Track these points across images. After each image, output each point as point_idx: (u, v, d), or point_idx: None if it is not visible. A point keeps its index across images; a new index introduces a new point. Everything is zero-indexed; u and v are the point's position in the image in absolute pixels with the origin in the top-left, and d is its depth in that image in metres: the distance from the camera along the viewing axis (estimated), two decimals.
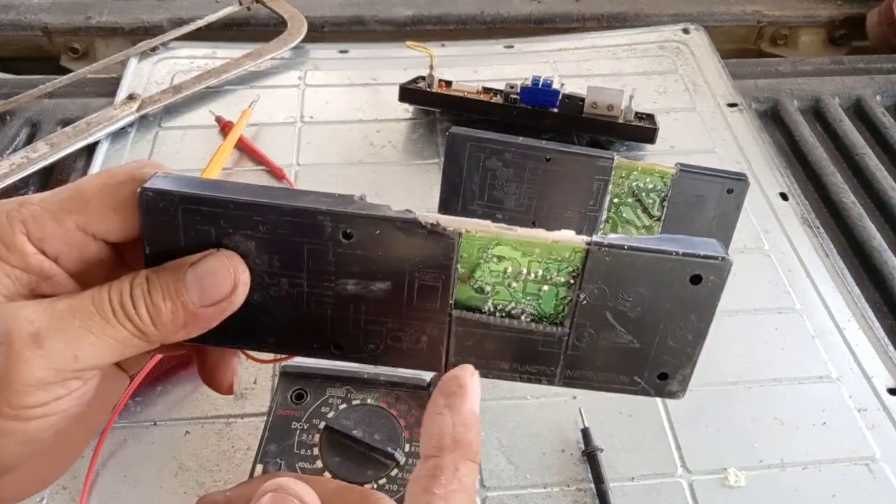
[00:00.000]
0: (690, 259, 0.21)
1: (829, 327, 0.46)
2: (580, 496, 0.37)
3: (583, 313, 0.22)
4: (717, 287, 0.21)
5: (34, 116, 0.60)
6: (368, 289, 0.22)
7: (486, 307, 0.22)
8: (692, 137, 0.60)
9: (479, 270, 0.22)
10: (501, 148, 0.48)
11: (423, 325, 0.23)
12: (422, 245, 0.21)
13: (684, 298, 0.21)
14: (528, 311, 0.22)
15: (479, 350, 0.23)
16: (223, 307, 0.22)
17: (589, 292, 0.22)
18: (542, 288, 0.22)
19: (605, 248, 0.21)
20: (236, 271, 0.22)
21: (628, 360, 0.23)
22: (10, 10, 0.72)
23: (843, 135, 0.62)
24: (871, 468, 0.39)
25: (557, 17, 0.75)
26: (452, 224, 0.21)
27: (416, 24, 0.73)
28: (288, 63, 0.67)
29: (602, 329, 0.22)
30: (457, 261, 0.22)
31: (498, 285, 0.22)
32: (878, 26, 0.74)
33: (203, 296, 0.21)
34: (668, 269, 0.21)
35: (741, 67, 0.69)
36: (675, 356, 0.22)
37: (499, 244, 0.22)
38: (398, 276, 0.22)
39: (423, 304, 0.22)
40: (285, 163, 0.56)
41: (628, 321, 0.22)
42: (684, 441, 0.40)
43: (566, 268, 0.22)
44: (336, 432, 0.36)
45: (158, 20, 0.71)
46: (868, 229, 0.53)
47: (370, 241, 0.21)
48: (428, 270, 0.22)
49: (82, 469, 0.37)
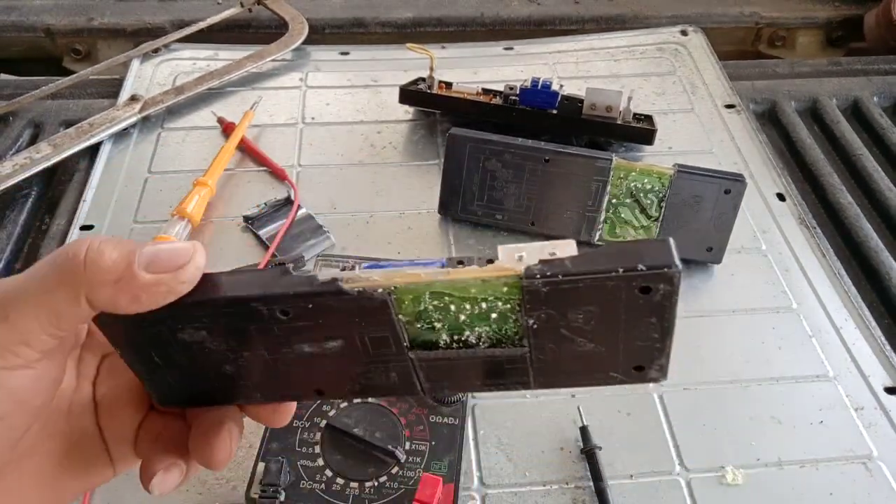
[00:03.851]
0: (633, 274, 0.20)
1: (826, 327, 0.46)
2: (579, 494, 0.38)
3: (537, 334, 0.22)
4: (669, 293, 0.20)
5: (37, 117, 0.61)
6: (324, 348, 0.23)
7: (441, 341, 0.22)
8: (690, 138, 0.60)
9: (424, 315, 0.22)
10: (501, 149, 0.49)
11: (388, 366, 0.23)
12: (357, 308, 0.21)
13: (639, 307, 0.21)
14: (484, 337, 0.22)
15: (449, 376, 0.23)
16: (167, 280, 0.21)
17: (536, 318, 0.21)
18: (490, 316, 0.22)
19: (539, 279, 0.20)
20: (195, 251, 0.22)
21: (597, 361, 0.22)
22: (13, 11, 0.72)
23: (841, 136, 0.62)
24: (869, 466, 0.39)
25: (556, 19, 0.75)
26: (380, 283, 0.21)
27: (416, 26, 0.74)
28: (289, 65, 0.67)
29: (561, 342, 0.22)
30: (396, 314, 0.22)
31: (447, 321, 0.22)
32: (875, 28, 0.74)
33: (152, 262, 0.21)
34: (611, 288, 0.20)
35: (739, 69, 0.69)
36: (644, 352, 0.22)
37: (433, 292, 0.21)
38: (347, 335, 0.22)
39: (379, 351, 0.23)
40: (287, 164, 0.56)
41: (585, 333, 0.22)
42: (682, 439, 0.40)
43: (509, 297, 0.21)
44: (337, 430, 0.36)
45: (160, 22, 0.71)
46: (865, 229, 0.53)
47: (307, 313, 0.22)
48: (372, 326, 0.22)
49: None
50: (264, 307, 0.22)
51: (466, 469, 0.38)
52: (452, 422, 0.37)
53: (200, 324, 0.22)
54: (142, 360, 0.24)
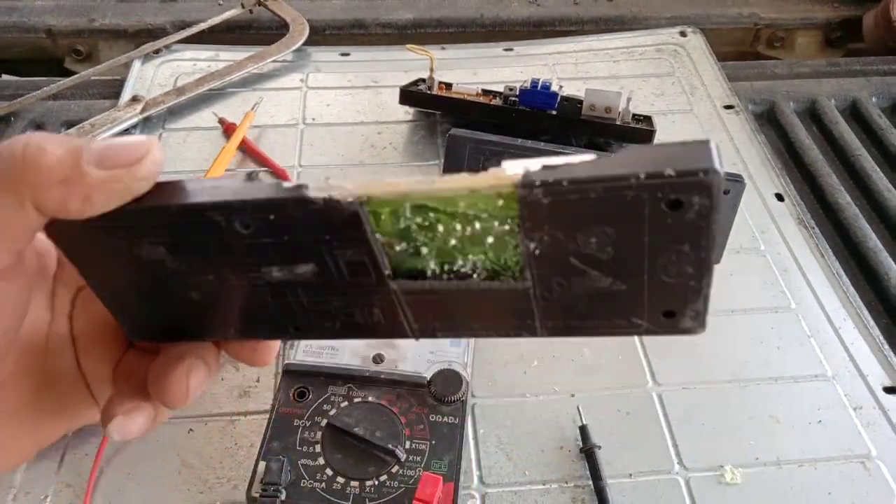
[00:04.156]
0: (659, 181, 0.15)
1: (824, 326, 0.47)
2: (578, 493, 0.38)
3: (542, 263, 0.17)
4: (707, 210, 0.15)
5: (38, 118, 0.61)
6: (294, 273, 0.19)
7: (428, 270, 0.19)
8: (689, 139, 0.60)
9: (405, 234, 0.18)
10: (501, 150, 0.49)
11: (369, 300, 0.20)
12: (325, 221, 0.18)
13: (666, 228, 0.16)
14: (479, 268, 0.18)
15: (441, 314, 0.20)
16: (121, 176, 0.18)
17: (539, 240, 0.17)
18: (485, 240, 0.17)
19: (539, 187, 0.16)
20: (151, 145, 0.19)
21: (617, 302, 0.18)
22: (14, 12, 0.72)
23: (839, 136, 0.62)
24: (867, 466, 0.39)
25: (556, 21, 0.75)
26: (351, 192, 0.17)
27: (416, 27, 0.74)
28: (290, 66, 0.67)
29: (572, 276, 0.17)
30: (372, 231, 0.18)
31: (433, 245, 0.18)
32: (874, 28, 0.74)
33: (103, 157, 0.18)
34: (630, 201, 0.16)
35: (738, 70, 0.69)
36: (676, 292, 0.17)
37: (414, 205, 0.17)
38: (318, 256, 0.19)
39: (357, 280, 0.19)
40: (287, 164, 0.57)
41: (600, 263, 0.17)
42: (681, 438, 0.40)
43: (506, 214, 0.17)
44: (338, 430, 0.36)
45: (162, 23, 0.71)
46: (863, 230, 0.54)
47: (269, 227, 0.18)
48: (345, 246, 0.18)
49: (86, 466, 0.37)
50: (221, 217, 0.18)
51: (466, 468, 0.38)
52: (452, 421, 0.37)
53: (156, 237, 0.19)
54: (103, 278, 0.21)
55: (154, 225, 0.19)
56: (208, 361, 0.23)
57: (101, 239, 0.20)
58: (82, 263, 0.21)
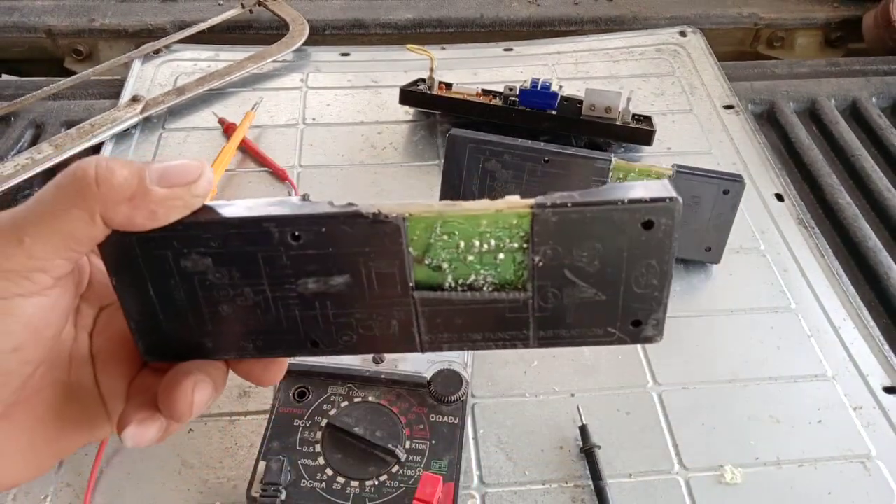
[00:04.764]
0: (638, 206, 0.21)
1: (824, 326, 0.47)
2: (578, 492, 0.38)
3: (542, 275, 0.22)
4: (670, 229, 0.21)
5: (38, 118, 0.61)
6: (329, 284, 0.22)
7: (446, 284, 0.22)
8: (689, 139, 0.60)
9: (432, 250, 0.22)
10: (500, 149, 0.49)
11: (390, 311, 0.23)
12: (369, 235, 0.21)
13: (640, 245, 0.21)
14: (489, 281, 0.22)
15: (450, 325, 0.23)
16: (181, 194, 0.21)
17: (543, 254, 0.22)
18: (497, 256, 0.22)
19: (549, 208, 0.21)
20: (203, 166, 0.22)
21: (597, 312, 0.22)
22: (14, 12, 0.72)
23: (839, 136, 0.62)
24: (867, 466, 0.39)
25: (556, 21, 0.75)
26: (395, 210, 0.21)
27: (416, 27, 0.74)
28: (290, 66, 0.67)
29: (564, 287, 0.22)
30: (407, 244, 0.22)
31: (454, 261, 0.22)
32: (874, 28, 0.74)
33: (163, 176, 0.21)
34: (617, 220, 0.21)
35: (738, 70, 0.69)
36: (643, 302, 0.22)
37: (445, 221, 0.22)
38: (354, 268, 0.22)
39: (384, 291, 0.23)
40: (287, 164, 0.57)
41: (588, 276, 0.22)
42: (681, 438, 0.40)
43: (517, 233, 0.22)
44: (338, 430, 0.36)
45: (162, 23, 0.71)
46: (863, 229, 0.54)
47: (318, 239, 0.22)
48: (381, 258, 0.22)
49: (86, 466, 0.37)
50: (276, 229, 0.21)
51: (466, 468, 0.38)
52: (452, 421, 0.37)
53: (207, 248, 0.22)
54: (136, 294, 0.23)
55: (209, 236, 0.22)
56: (215, 379, 0.24)
57: (149, 253, 0.22)
58: (121, 278, 0.23)
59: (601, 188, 0.21)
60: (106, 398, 0.25)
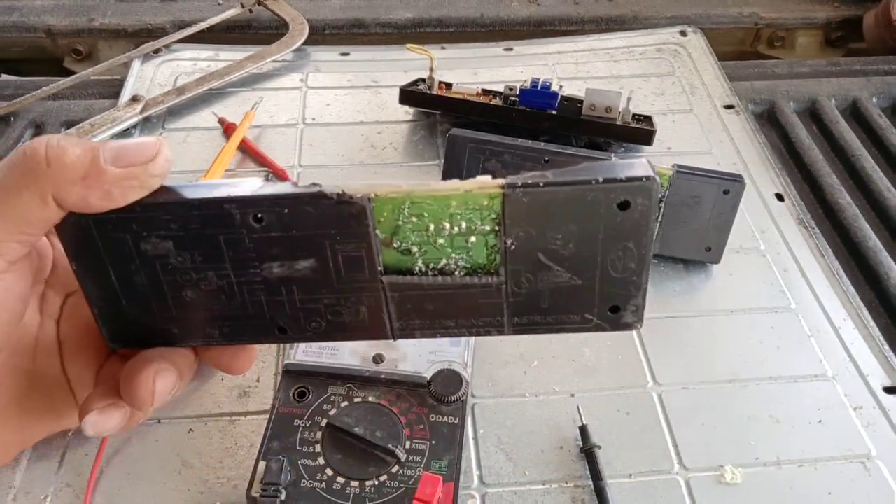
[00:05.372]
0: (612, 185, 0.19)
1: (824, 326, 0.47)
2: (578, 493, 0.38)
3: (515, 259, 0.21)
4: (647, 209, 0.20)
5: (38, 118, 0.61)
6: (294, 269, 0.21)
7: (416, 268, 0.21)
8: (689, 139, 0.60)
9: (401, 232, 0.21)
10: (500, 149, 0.49)
11: (359, 296, 0.22)
12: (334, 216, 0.20)
13: (616, 227, 0.20)
14: (460, 266, 0.21)
15: (421, 311, 0.22)
16: (137, 173, 0.20)
17: (515, 236, 0.20)
18: (468, 239, 0.21)
19: (520, 188, 0.20)
20: (161, 144, 0.21)
21: (573, 298, 0.21)
22: (14, 11, 0.72)
23: (840, 136, 0.62)
24: (867, 466, 0.39)
25: (556, 20, 0.75)
26: (361, 190, 0.20)
27: (416, 26, 0.74)
28: (290, 65, 0.67)
29: (538, 271, 0.21)
30: (374, 226, 0.21)
31: (424, 244, 0.21)
32: (874, 28, 0.74)
33: (118, 155, 0.20)
34: (591, 200, 0.19)
35: (738, 69, 0.69)
36: (621, 287, 0.21)
37: (413, 202, 0.20)
38: (320, 251, 0.21)
39: (352, 275, 0.22)
40: (287, 164, 0.57)
41: (563, 259, 0.21)
42: (681, 438, 0.40)
43: (488, 215, 0.20)
44: (338, 430, 0.36)
45: (161, 22, 0.71)
46: (863, 230, 0.54)
47: (282, 221, 0.21)
48: (347, 241, 0.21)
49: (86, 466, 0.37)
50: (238, 210, 0.20)
51: (466, 468, 0.38)
52: (452, 421, 0.37)
53: (167, 230, 0.21)
54: (98, 279, 0.22)
55: (168, 218, 0.21)
56: (180, 368, 0.23)
57: (108, 236, 0.21)
58: (81, 262, 0.22)
59: (576, 167, 0.20)
60: (74, 386, 0.24)
